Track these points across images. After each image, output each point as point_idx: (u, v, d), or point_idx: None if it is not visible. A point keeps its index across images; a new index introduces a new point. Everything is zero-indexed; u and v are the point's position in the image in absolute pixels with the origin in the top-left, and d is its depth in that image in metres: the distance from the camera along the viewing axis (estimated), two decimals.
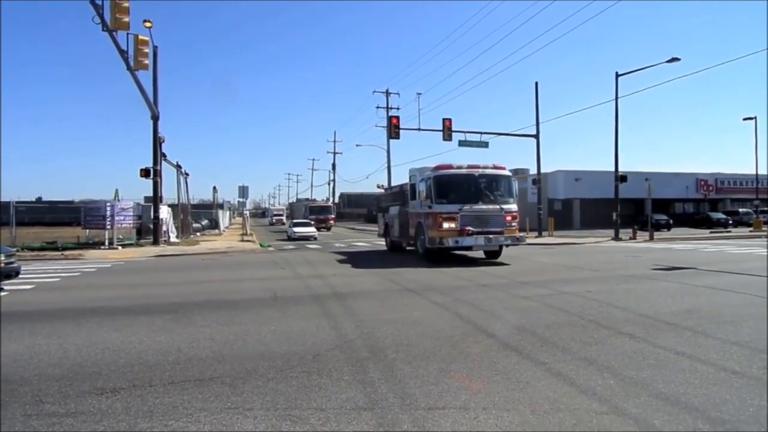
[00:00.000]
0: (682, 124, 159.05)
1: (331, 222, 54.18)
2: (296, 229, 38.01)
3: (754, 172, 45.50)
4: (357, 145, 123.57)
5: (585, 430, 4.01)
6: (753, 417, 4.22)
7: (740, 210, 51.47)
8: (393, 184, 53.41)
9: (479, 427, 4.08)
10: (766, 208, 48.35)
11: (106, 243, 25.76)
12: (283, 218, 75.59)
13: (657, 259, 18.22)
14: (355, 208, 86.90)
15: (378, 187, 29.86)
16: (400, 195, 22.14)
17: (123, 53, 24.16)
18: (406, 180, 21.61)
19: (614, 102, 32.17)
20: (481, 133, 35.01)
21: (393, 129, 33.31)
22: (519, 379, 5.25)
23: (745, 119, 43.64)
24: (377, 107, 50.20)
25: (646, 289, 11.47)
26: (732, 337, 6.89)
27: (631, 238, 32.19)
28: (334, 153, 77.24)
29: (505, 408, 4.48)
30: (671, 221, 44.99)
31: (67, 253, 22.93)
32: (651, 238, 31.93)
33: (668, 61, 28.54)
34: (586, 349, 6.41)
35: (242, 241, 33.52)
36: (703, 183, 55.17)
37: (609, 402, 4.59)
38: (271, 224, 77.31)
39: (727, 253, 21.53)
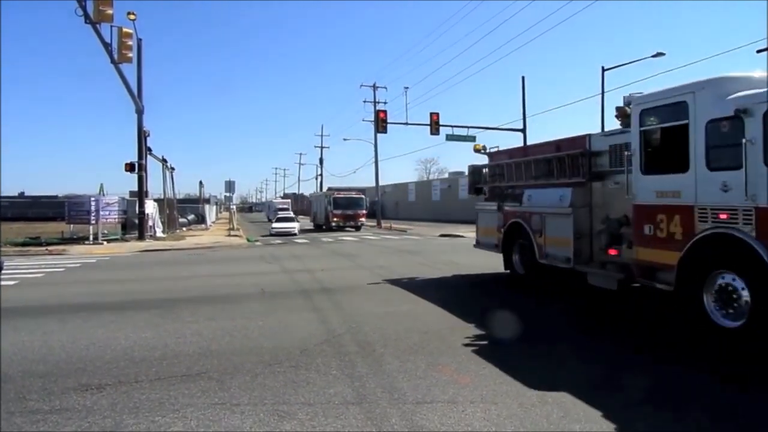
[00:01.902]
0: None
1: (362, 219, 40.00)
2: (276, 225, 36.01)
3: None
4: (344, 140, 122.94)
5: (572, 423, 4.03)
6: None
7: None
8: (379, 178, 41.87)
9: (467, 421, 4.09)
10: None
11: (91, 238, 25.51)
12: (291, 213, 58.35)
13: None
14: None
15: (479, 150, 12.36)
16: (578, 162, 9.47)
17: (107, 46, 23.87)
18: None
19: (600, 96, 32.32)
20: (468, 127, 34.97)
21: (380, 123, 33.25)
22: (506, 372, 5.26)
23: None
24: (364, 101, 49.56)
25: None
26: None
27: None
28: (322, 147, 76.80)
29: (493, 401, 4.49)
30: None
31: (51, 248, 22.68)
32: None
33: (653, 56, 28.76)
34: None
35: (229, 236, 33.32)
36: None
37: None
38: (272, 220, 62.09)
39: None
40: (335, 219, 39.01)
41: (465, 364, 5.59)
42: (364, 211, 40.41)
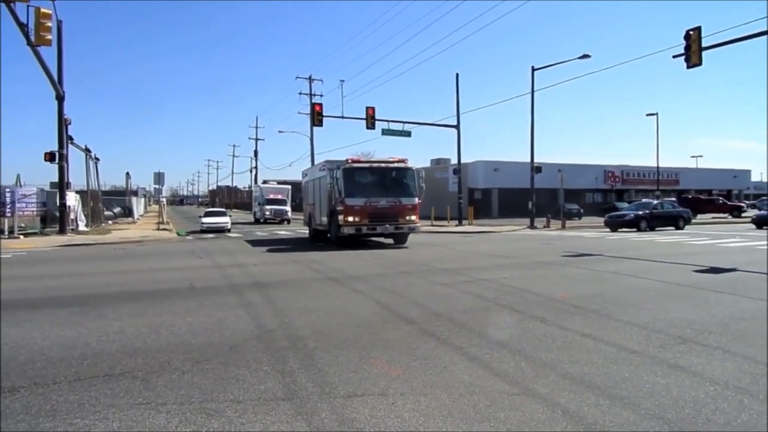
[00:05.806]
0: (593, 117, 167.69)
1: (414, 218, 20.00)
2: (206, 219, 33.13)
3: (655, 165, 48.81)
4: (280, 132, 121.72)
5: (498, 411, 4.17)
6: (648, 393, 4.55)
7: (643, 200, 55.12)
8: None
9: (397, 413, 4.14)
10: (667, 199, 52.08)
11: (6, 232, 24.05)
12: (287, 210, 44.53)
13: (568, 247, 19.18)
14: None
15: None
16: None
17: (23, 27, 22.39)
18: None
19: (530, 95, 33.42)
20: (404, 122, 35.42)
21: (316, 116, 32.98)
22: (436, 364, 5.38)
23: (648, 115, 46.71)
24: (300, 93, 49.22)
25: (556, 274, 12.05)
26: (633, 318, 7.38)
27: (545, 227, 33.70)
28: (256, 139, 75.42)
29: (423, 393, 4.58)
30: (582, 210, 47.60)
31: None
32: (563, 227, 33.56)
33: (580, 58, 29.99)
34: (500, 333, 6.66)
35: (158, 229, 32.18)
36: (610, 174, 58.57)
37: (520, 383, 4.79)
38: (260, 221, 44.96)
39: (630, 240, 22.99)
40: (350, 218, 19.05)
41: (396, 356, 5.65)
42: (416, 202, 20.15)
